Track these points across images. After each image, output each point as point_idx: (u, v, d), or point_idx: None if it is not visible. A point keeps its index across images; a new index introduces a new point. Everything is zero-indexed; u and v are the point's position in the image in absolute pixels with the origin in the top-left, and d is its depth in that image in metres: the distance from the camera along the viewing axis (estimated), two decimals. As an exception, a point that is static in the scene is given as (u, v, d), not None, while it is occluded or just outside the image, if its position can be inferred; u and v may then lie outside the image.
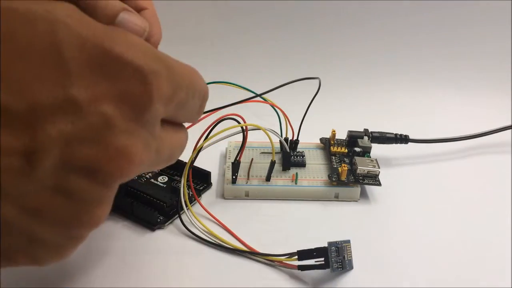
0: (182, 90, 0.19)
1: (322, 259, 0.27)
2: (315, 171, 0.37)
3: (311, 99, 0.37)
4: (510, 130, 0.43)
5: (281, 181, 0.35)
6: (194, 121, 0.22)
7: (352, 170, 0.36)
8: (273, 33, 0.56)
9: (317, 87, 0.37)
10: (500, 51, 0.54)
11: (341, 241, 0.28)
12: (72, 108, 0.15)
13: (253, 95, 0.35)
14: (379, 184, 0.35)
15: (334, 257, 0.27)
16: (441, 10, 0.54)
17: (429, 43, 0.55)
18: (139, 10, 0.24)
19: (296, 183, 0.35)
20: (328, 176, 0.35)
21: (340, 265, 0.28)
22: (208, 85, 0.22)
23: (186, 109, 0.20)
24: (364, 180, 0.35)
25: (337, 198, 0.35)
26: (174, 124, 0.21)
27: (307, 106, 0.37)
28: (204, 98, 0.21)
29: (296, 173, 0.35)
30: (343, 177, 0.35)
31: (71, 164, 0.16)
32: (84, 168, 0.16)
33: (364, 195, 0.36)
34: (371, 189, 0.36)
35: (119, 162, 0.16)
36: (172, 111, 0.19)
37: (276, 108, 0.35)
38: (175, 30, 0.52)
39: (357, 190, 0.35)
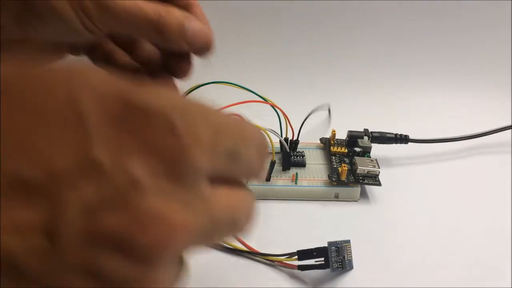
0: (227, 137, 0.16)
1: (322, 259, 0.27)
2: (315, 171, 0.37)
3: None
4: (510, 130, 0.43)
5: (281, 181, 0.35)
6: (258, 176, 0.18)
7: (352, 170, 0.36)
8: (273, 33, 0.56)
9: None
10: (500, 51, 0.55)
11: (341, 241, 0.28)
12: (94, 170, 0.13)
13: (253, 95, 0.35)
14: (379, 184, 0.35)
15: (334, 257, 0.27)
16: (441, 11, 0.54)
17: (429, 44, 0.55)
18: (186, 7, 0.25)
19: (296, 183, 0.35)
20: (328, 176, 0.35)
21: (340, 265, 0.28)
22: (208, 85, 0.21)
23: (241, 162, 0.17)
24: (364, 180, 0.35)
25: (337, 198, 0.35)
26: (231, 182, 0.17)
27: (308, 113, 0.37)
28: (260, 146, 0.17)
29: (296, 173, 0.35)
30: (343, 177, 0.35)
31: (98, 238, 0.13)
32: (113, 241, 0.13)
33: (364, 195, 0.36)
34: (371, 189, 0.36)
35: (155, 230, 0.13)
36: (222, 164, 0.16)
37: (276, 108, 0.35)
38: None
39: (357, 190, 0.35)
